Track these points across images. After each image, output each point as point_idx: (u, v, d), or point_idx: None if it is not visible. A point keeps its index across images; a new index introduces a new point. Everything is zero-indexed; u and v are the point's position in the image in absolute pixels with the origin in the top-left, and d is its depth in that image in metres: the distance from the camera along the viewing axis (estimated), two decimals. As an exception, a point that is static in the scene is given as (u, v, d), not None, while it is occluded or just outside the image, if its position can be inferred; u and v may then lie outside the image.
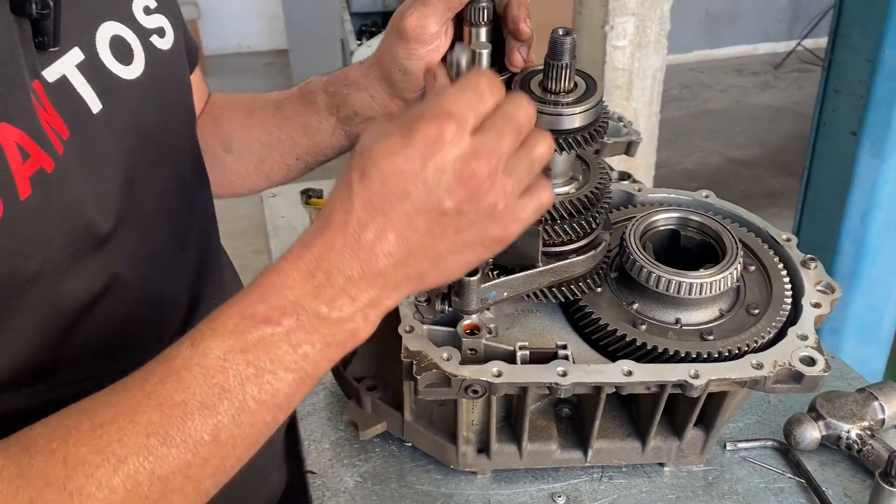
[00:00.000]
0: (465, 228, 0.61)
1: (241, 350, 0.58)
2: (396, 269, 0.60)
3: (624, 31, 2.56)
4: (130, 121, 0.75)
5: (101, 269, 0.70)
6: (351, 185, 0.59)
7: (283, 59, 6.29)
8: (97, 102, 0.70)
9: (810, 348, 0.87)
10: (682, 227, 0.98)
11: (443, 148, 0.57)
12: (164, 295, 0.81)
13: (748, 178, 4.76)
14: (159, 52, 0.81)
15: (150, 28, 0.81)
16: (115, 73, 0.74)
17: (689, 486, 0.97)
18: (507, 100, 0.63)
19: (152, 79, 0.79)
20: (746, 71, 6.42)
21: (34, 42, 0.64)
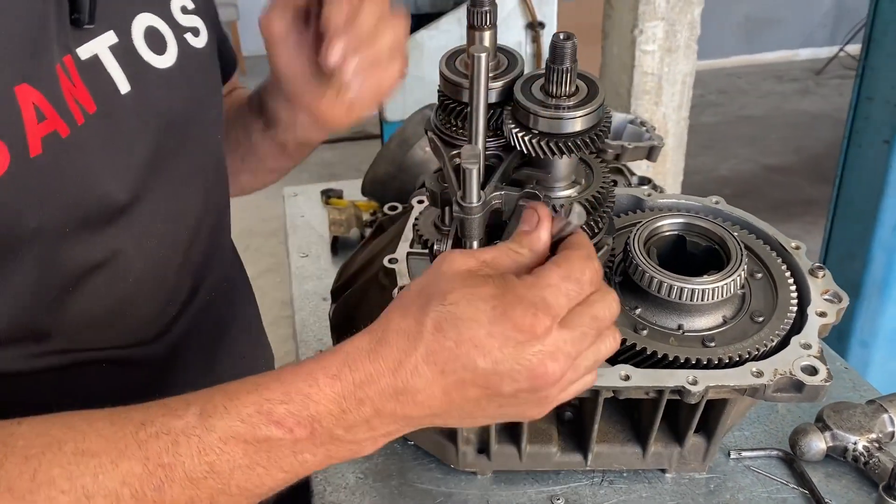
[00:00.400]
0: (509, 406, 0.62)
1: (245, 441, 0.57)
2: (427, 417, 0.61)
3: (653, 36, 2.55)
4: (158, 106, 0.78)
5: (107, 241, 0.72)
6: (421, 331, 0.58)
7: (319, 61, 6.35)
8: (126, 84, 0.73)
9: (813, 357, 0.86)
10: (687, 232, 0.97)
11: (529, 340, 0.58)
12: (166, 280, 0.82)
13: (783, 185, 4.68)
14: (192, 48, 0.84)
15: (185, 26, 0.84)
16: (147, 60, 0.77)
17: (689, 493, 0.97)
18: (600, 296, 0.63)
19: (183, 71, 0.81)
20: (786, 77, 6.32)
21: (70, 18, 0.68)
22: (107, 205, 0.71)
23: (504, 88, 0.87)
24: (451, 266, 0.61)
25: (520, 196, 0.84)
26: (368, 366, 0.58)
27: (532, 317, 0.57)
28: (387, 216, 1.35)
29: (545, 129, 0.83)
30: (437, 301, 0.58)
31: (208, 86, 0.90)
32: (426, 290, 0.60)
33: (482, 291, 0.58)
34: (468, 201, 0.81)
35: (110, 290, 0.74)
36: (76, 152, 0.67)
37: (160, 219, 0.79)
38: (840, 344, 2.48)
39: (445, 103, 0.90)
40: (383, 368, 0.58)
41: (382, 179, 1.49)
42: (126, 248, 0.74)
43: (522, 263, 0.64)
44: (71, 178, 0.66)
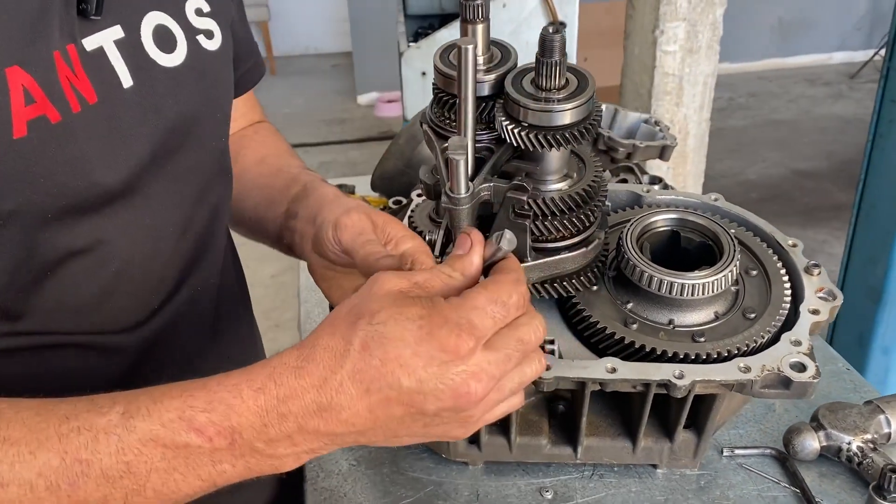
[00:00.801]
0: (434, 426, 0.62)
1: (164, 445, 0.57)
2: (350, 435, 0.61)
3: (674, 36, 2.53)
4: (161, 103, 0.78)
5: (91, 229, 0.72)
6: (348, 349, 0.58)
7: (349, 61, 6.41)
8: (129, 78, 0.74)
9: (802, 354, 0.85)
10: (680, 228, 0.97)
11: (453, 360, 0.58)
12: (150, 272, 0.82)
13: (812, 190, 4.61)
14: (204, 50, 0.84)
15: (198, 28, 0.84)
16: (153, 57, 0.77)
17: (679, 489, 0.97)
18: (527, 320, 0.63)
19: (191, 71, 0.81)
20: (819, 81, 6.22)
21: (78, 8, 0.69)
22: (96, 193, 0.71)
23: (496, 81, 0.88)
24: (382, 286, 0.62)
25: (508, 188, 0.85)
26: (293, 381, 0.58)
27: (456, 337, 0.58)
28: (391, 210, 1.36)
29: (535, 122, 0.84)
30: (365, 320, 0.59)
31: (218, 88, 0.89)
32: (356, 308, 0.61)
33: (409, 311, 0.59)
34: (456, 192, 0.82)
35: (90, 278, 0.74)
36: (67, 139, 0.67)
37: (149, 212, 0.79)
38: (861, 350, 2.44)
39: (439, 96, 0.91)
40: (308, 385, 0.58)
41: (391, 175, 1.51)
42: (110, 237, 0.75)
43: (453, 286, 0.65)
44: (58, 164, 0.67)
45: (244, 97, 1.09)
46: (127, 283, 0.79)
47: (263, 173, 1.03)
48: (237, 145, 1.06)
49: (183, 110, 0.81)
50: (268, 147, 1.09)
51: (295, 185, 0.97)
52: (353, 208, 0.84)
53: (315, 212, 0.89)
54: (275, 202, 0.98)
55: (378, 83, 5.96)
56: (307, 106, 6.31)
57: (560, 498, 0.96)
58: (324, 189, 0.94)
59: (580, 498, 0.96)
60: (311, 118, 6.05)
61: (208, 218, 0.90)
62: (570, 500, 0.96)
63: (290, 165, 1.04)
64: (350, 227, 0.81)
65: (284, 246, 0.98)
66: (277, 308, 3.52)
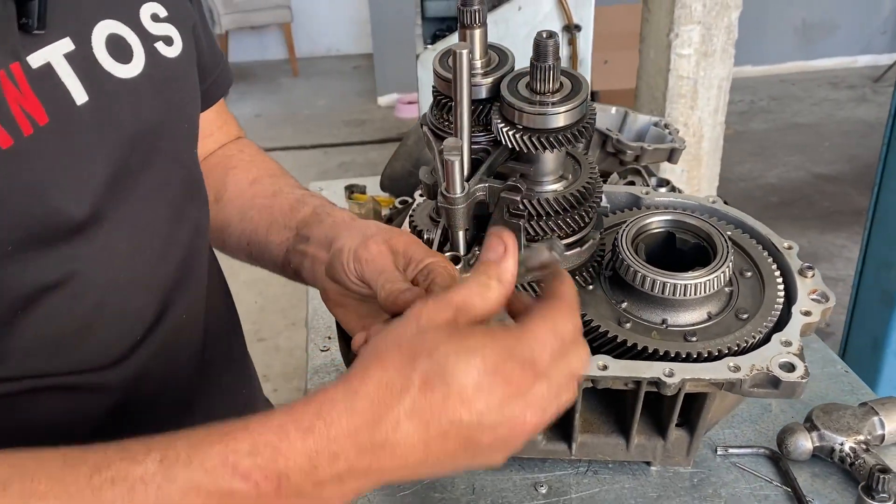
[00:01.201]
0: (480, 456, 0.60)
1: (207, 493, 0.54)
2: (400, 470, 0.57)
3: (689, 40, 2.54)
4: (120, 118, 0.73)
5: (62, 261, 0.68)
6: (408, 385, 0.55)
7: (370, 63, 6.46)
8: (83, 94, 0.69)
9: (792, 354, 0.87)
10: (675, 229, 0.99)
11: (515, 394, 0.57)
12: (130, 303, 0.77)
13: (833, 194, 4.57)
14: (162, 58, 0.79)
15: (155, 34, 0.79)
16: (108, 69, 0.72)
17: (672, 486, 0.98)
18: (577, 350, 0.61)
19: (151, 81, 0.77)
20: (842, 84, 6.16)
21: (18, 23, 0.64)
22: (60, 222, 0.67)
23: (494, 85, 0.90)
24: (430, 320, 0.58)
25: (502, 188, 0.87)
26: (345, 419, 0.55)
27: (521, 371, 0.56)
28: (396, 210, 1.39)
29: (530, 125, 0.86)
30: (424, 356, 0.56)
31: (182, 97, 0.83)
32: (408, 344, 0.57)
33: (469, 343, 0.56)
34: (452, 192, 0.84)
35: (66, 313, 0.70)
36: (21, 165, 0.63)
37: (123, 237, 0.74)
38: (875, 354, 2.42)
39: (438, 99, 0.94)
40: (361, 422, 0.54)
41: (399, 175, 1.53)
42: (84, 268, 0.70)
43: (491, 299, 0.61)
44: (14, 194, 0.63)
45: (216, 110, 1.04)
46: (107, 315, 0.74)
47: (260, 194, 0.98)
48: (224, 166, 1.02)
49: (145, 123, 0.76)
50: (259, 167, 1.04)
51: (303, 208, 0.93)
52: (371, 237, 0.79)
53: (330, 237, 0.85)
54: (278, 225, 0.94)
55: (398, 84, 6.00)
56: (328, 107, 6.37)
57: (554, 493, 0.98)
58: (337, 213, 0.90)
59: (574, 493, 0.98)
60: (331, 119, 6.11)
61: (189, 236, 0.85)
62: (564, 495, 0.98)
63: (289, 186, 0.99)
64: (370, 261, 0.77)
65: (290, 271, 0.93)
66: (294, 307, 3.57)
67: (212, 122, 0.98)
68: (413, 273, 0.75)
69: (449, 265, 0.76)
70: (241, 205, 0.98)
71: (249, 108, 6.35)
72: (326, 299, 0.86)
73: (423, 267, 0.75)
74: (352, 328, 0.84)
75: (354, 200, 1.66)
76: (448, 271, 0.75)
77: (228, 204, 0.98)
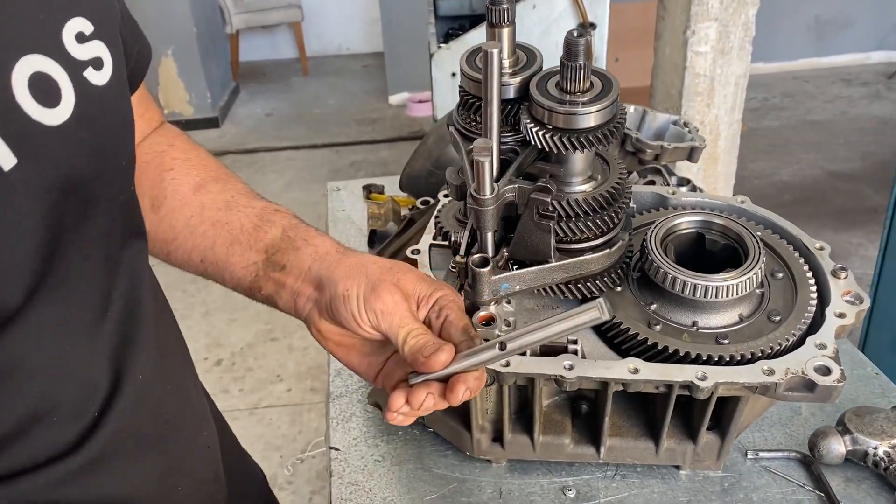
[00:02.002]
0: None
1: None
2: None
3: (706, 37, 2.51)
4: (54, 175, 0.62)
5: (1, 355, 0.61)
6: None
7: (381, 62, 6.45)
8: (10, 157, 0.58)
9: (827, 357, 0.85)
10: (705, 230, 0.98)
11: None
12: (79, 375, 0.69)
13: (847, 192, 4.53)
14: (93, 88, 0.67)
15: (83, 60, 0.66)
16: (36, 118, 0.60)
17: (702, 490, 0.97)
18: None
19: (83, 122, 0.65)
20: (856, 81, 6.11)
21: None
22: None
23: (522, 84, 0.89)
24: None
25: (532, 189, 0.86)
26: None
27: None
28: (418, 210, 1.38)
29: (560, 125, 0.85)
30: None
31: (116, 131, 0.72)
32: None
33: None
34: (481, 193, 0.83)
35: (15, 407, 0.63)
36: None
37: (63, 304, 0.65)
38: (892, 354, 2.40)
39: (465, 99, 0.93)
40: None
41: (419, 175, 1.52)
42: (25, 354, 0.62)
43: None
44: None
45: (138, 95, 0.89)
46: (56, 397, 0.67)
47: (210, 205, 0.88)
48: (158, 166, 0.91)
49: (79, 175, 0.65)
50: (198, 168, 0.92)
51: (270, 228, 0.85)
52: (379, 283, 0.75)
53: (319, 275, 0.79)
54: (241, 246, 0.85)
55: (409, 83, 5.99)
56: (339, 106, 6.36)
57: (583, 497, 0.97)
58: (316, 240, 0.83)
59: (603, 498, 0.97)
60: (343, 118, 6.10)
61: (128, 285, 0.75)
62: (592, 499, 0.97)
63: (242, 195, 0.89)
64: (387, 313, 0.74)
65: (261, 297, 0.85)
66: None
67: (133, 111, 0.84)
68: (425, 312, 0.76)
69: (454, 295, 0.76)
70: (187, 217, 0.88)
71: (260, 107, 6.35)
72: (321, 339, 0.81)
73: (434, 303, 0.75)
74: (354, 366, 0.82)
75: (373, 200, 1.65)
76: (457, 303, 0.76)
77: (171, 214, 0.88)
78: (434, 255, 1.04)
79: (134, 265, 0.77)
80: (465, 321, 0.74)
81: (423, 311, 0.76)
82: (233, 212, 0.87)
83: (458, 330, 0.73)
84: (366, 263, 0.78)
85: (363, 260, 0.79)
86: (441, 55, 2.80)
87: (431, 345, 0.71)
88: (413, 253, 1.03)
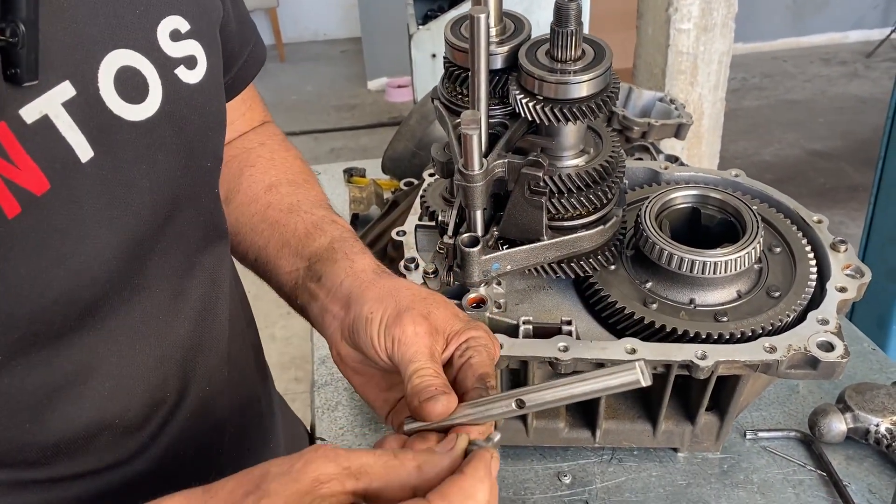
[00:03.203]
0: None
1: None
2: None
3: (689, 14, 2.48)
4: (132, 170, 0.62)
5: (69, 357, 0.60)
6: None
7: (358, 47, 6.37)
8: (88, 149, 0.58)
9: (830, 333, 0.82)
10: (701, 204, 0.94)
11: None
12: (149, 379, 0.68)
13: (828, 171, 4.54)
14: (184, 86, 0.66)
15: (176, 58, 0.66)
16: (118, 113, 0.60)
17: (701, 472, 0.94)
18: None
19: (169, 119, 0.65)
20: (834, 60, 6.12)
21: (4, 75, 0.53)
22: (63, 311, 0.58)
23: (509, 54, 0.85)
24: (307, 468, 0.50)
25: (523, 164, 0.82)
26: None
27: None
28: (402, 192, 1.34)
29: (550, 95, 0.81)
30: (253, 496, 0.50)
31: (205, 130, 0.71)
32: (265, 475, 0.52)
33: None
34: (470, 169, 0.79)
35: (81, 410, 0.62)
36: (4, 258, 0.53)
37: (136, 309, 0.65)
38: (881, 331, 2.40)
39: (451, 70, 0.89)
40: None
41: (401, 156, 1.48)
42: (94, 359, 0.62)
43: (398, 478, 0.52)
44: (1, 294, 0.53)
45: (241, 96, 0.91)
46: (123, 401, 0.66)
47: (276, 205, 0.86)
48: (241, 162, 0.90)
49: (162, 174, 0.65)
50: (279, 168, 0.90)
51: (319, 237, 0.81)
52: (406, 311, 0.68)
53: (349, 292, 0.73)
54: (290, 249, 0.82)
55: (388, 68, 5.92)
56: (317, 92, 6.28)
57: (578, 483, 0.94)
58: (357, 258, 0.78)
59: (599, 483, 0.94)
60: (321, 105, 6.02)
61: (202, 292, 0.74)
62: (588, 484, 0.94)
63: (309, 201, 0.86)
64: (404, 343, 0.66)
65: (297, 306, 0.82)
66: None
67: (234, 110, 0.86)
68: (452, 350, 0.66)
69: (489, 340, 0.67)
70: (252, 214, 0.86)
71: (236, 94, 6.26)
72: (340, 363, 0.75)
73: (464, 342, 0.66)
74: (370, 399, 0.75)
75: (354, 184, 1.61)
76: (487, 349, 0.66)
77: (239, 209, 0.87)
78: (420, 236, 1.00)
79: (213, 270, 0.75)
80: (488, 369, 0.65)
81: (450, 349, 0.66)
82: (293, 215, 0.84)
83: (475, 376, 0.63)
84: (399, 288, 0.71)
85: (398, 284, 0.72)
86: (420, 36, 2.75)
87: (432, 389, 0.61)
88: (398, 235, 0.99)
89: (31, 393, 0.58)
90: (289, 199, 0.86)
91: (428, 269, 0.91)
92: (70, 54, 0.57)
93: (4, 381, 0.56)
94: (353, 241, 0.81)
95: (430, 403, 0.60)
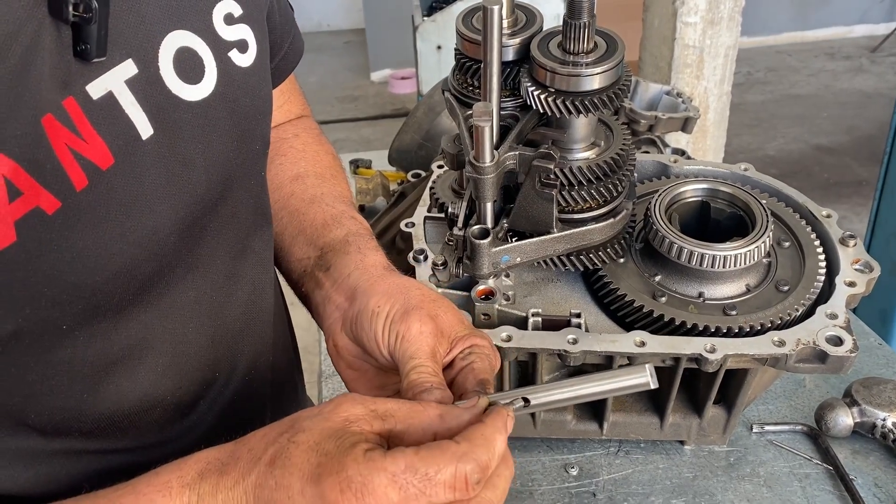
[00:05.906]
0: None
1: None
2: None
3: (695, 7, 2.47)
4: (189, 149, 0.64)
5: (126, 331, 0.62)
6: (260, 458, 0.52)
7: (362, 38, 6.35)
8: (148, 126, 0.59)
9: (839, 328, 0.83)
10: (711, 198, 0.94)
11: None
12: (201, 359, 0.70)
13: (832, 166, 4.53)
14: (236, 69, 0.68)
15: (229, 41, 0.68)
16: (176, 92, 0.62)
17: (708, 465, 0.95)
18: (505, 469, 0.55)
19: (223, 101, 0.67)
20: (839, 54, 6.10)
21: (74, 50, 0.54)
22: (124, 285, 0.60)
23: (521, 46, 0.85)
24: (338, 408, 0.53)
25: (534, 156, 0.82)
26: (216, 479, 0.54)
27: (339, 493, 0.49)
28: (409, 184, 1.34)
29: (562, 88, 0.81)
30: (287, 434, 0.53)
31: (255, 112, 0.73)
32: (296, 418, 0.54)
33: (322, 445, 0.51)
34: (481, 161, 0.79)
35: (135, 385, 0.64)
36: (71, 229, 0.54)
37: (188, 286, 0.66)
38: (884, 327, 2.40)
39: (462, 62, 0.89)
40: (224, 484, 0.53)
41: (408, 148, 1.48)
42: (150, 334, 0.63)
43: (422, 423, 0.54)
44: (64, 263, 0.55)
45: (283, 86, 0.92)
46: (174, 379, 0.68)
47: (298, 195, 0.87)
48: (272, 151, 0.89)
49: (216, 152, 0.67)
50: (308, 160, 0.91)
51: (335, 228, 0.82)
52: (413, 309, 0.68)
53: (356, 285, 0.74)
54: (304, 238, 0.83)
55: (391, 60, 5.90)
56: (320, 83, 6.26)
57: (585, 475, 0.94)
58: (370, 254, 0.78)
59: (606, 475, 0.94)
60: (324, 96, 6.01)
61: (253, 271, 0.76)
62: (595, 476, 0.94)
63: (332, 195, 0.87)
64: (407, 340, 0.66)
65: (301, 294, 0.82)
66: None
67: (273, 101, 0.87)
68: (455, 353, 0.67)
69: (491, 350, 0.68)
70: (275, 201, 0.86)
71: (240, 85, 6.25)
72: (336, 355, 0.75)
73: (468, 347, 0.67)
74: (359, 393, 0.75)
75: (360, 175, 1.61)
76: (489, 357, 0.67)
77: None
78: (429, 227, 1.01)
79: (261, 253, 0.77)
80: (488, 376, 0.65)
81: (454, 352, 0.67)
82: (314, 205, 0.85)
83: (476, 379, 0.64)
84: (409, 287, 0.72)
85: (408, 283, 0.73)
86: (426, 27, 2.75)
87: (428, 384, 0.62)
88: (407, 226, 0.99)
89: (90, 363, 0.60)
90: (312, 191, 0.87)
91: (437, 260, 0.91)
92: (133, 33, 0.59)
93: (67, 351, 0.58)
94: (368, 237, 0.81)
95: (424, 396, 0.61)
